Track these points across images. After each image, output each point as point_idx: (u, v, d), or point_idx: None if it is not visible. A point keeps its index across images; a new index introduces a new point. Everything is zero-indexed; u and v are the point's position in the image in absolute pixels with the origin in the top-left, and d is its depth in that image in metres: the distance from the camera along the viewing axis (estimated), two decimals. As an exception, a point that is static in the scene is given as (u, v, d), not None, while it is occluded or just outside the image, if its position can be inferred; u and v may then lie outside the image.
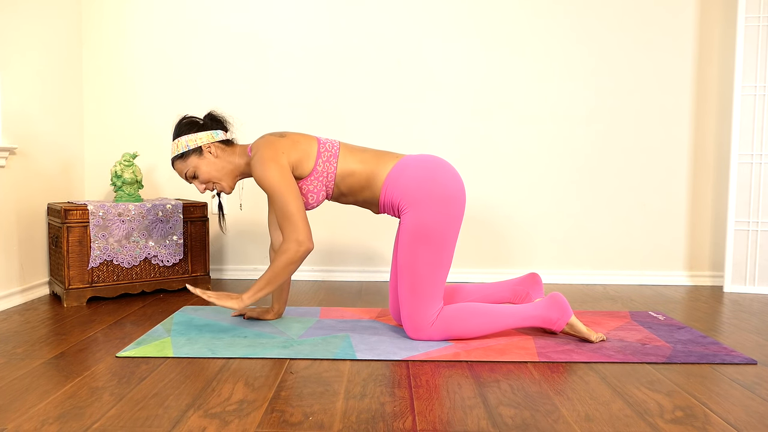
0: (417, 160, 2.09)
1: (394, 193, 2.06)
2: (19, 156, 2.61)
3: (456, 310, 2.05)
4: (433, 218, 2.01)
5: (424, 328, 2.04)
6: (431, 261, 2.01)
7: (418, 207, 2.02)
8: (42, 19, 2.77)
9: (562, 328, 2.07)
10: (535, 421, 1.45)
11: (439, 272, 2.03)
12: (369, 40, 3.12)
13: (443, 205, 2.02)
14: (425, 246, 2.01)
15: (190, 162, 2.15)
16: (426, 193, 2.02)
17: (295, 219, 2.00)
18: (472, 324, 2.04)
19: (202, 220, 2.87)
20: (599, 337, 2.08)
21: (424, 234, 2.01)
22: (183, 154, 2.15)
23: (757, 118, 2.94)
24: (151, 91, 3.15)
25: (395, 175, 2.07)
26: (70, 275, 2.55)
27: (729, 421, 1.47)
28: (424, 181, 2.03)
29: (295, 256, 2.00)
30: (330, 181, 2.10)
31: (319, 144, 2.11)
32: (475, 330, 2.05)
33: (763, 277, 2.97)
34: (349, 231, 3.20)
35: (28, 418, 1.44)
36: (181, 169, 2.18)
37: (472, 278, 3.16)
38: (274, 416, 1.46)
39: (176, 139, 2.17)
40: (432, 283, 2.02)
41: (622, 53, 3.11)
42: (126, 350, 1.93)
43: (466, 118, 3.15)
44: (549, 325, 2.08)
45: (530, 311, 2.07)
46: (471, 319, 2.04)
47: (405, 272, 2.03)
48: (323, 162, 2.08)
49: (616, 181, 3.16)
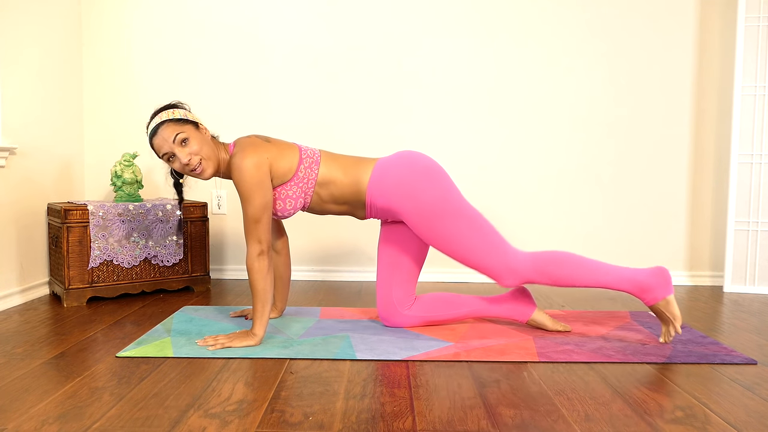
0: (393, 160, 2.12)
1: (384, 196, 2.08)
2: (19, 156, 2.61)
3: (553, 254, 2.07)
4: (431, 196, 2.05)
5: (511, 271, 2.05)
6: (460, 227, 2.05)
7: (412, 198, 2.05)
8: (42, 19, 2.77)
9: (656, 302, 2.02)
10: (535, 421, 1.45)
11: (476, 228, 2.06)
12: (369, 40, 3.12)
13: (432, 181, 2.07)
14: (443, 221, 2.05)
15: (186, 128, 1.99)
16: (413, 182, 2.06)
17: (260, 228, 1.97)
18: (567, 270, 2.04)
19: (202, 220, 2.87)
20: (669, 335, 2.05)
21: (433, 213, 2.04)
22: (180, 120, 1.99)
23: (757, 118, 2.94)
24: (151, 91, 3.15)
25: (377, 178, 2.08)
26: (70, 275, 2.55)
27: (729, 421, 1.47)
28: (407, 174, 2.07)
29: (263, 264, 1.97)
30: (310, 188, 2.08)
31: (301, 151, 2.09)
32: (572, 277, 2.04)
33: (763, 277, 2.97)
34: (349, 231, 3.20)
35: (28, 418, 1.44)
36: (173, 132, 1.97)
37: (472, 278, 3.17)
38: (274, 416, 1.46)
39: (170, 109, 2.02)
40: (479, 239, 2.05)
41: (622, 53, 3.11)
42: (126, 350, 1.93)
43: (465, 118, 3.15)
44: (643, 294, 2.02)
45: (630, 273, 2.03)
46: (567, 265, 2.04)
47: (453, 254, 2.08)
48: (305, 168, 2.07)
49: (616, 181, 3.16)
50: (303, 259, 3.21)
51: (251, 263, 1.98)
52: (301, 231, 3.19)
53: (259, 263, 1.98)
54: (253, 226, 1.97)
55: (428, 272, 3.16)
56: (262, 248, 1.98)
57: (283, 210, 2.09)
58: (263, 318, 2.00)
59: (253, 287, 1.99)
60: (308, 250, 3.21)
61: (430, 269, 3.17)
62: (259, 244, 1.98)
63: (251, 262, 1.98)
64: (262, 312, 2.00)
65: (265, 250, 1.98)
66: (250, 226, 1.98)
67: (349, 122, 3.15)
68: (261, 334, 2.00)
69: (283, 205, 2.08)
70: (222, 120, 3.14)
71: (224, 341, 1.98)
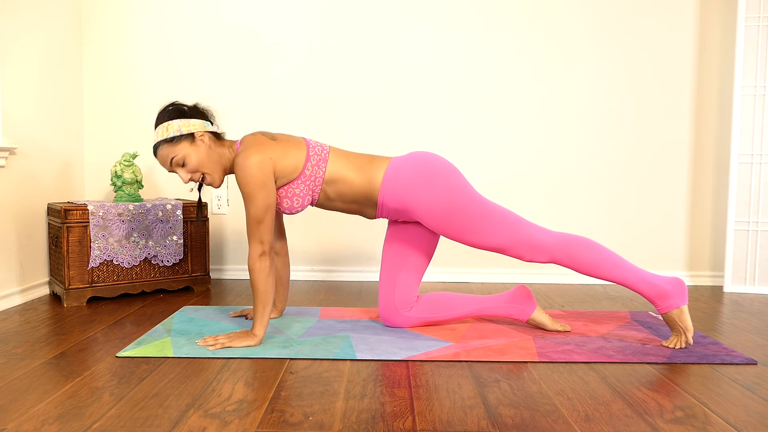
0: (407, 160, 2.11)
1: (397, 197, 2.07)
2: (19, 156, 2.61)
3: (582, 238, 2.06)
4: (445, 194, 2.04)
5: (533, 247, 2.04)
6: (476, 217, 2.04)
7: (427, 198, 2.04)
8: (42, 19, 2.77)
9: (670, 310, 2.01)
10: (534, 421, 1.45)
11: (492, 214, 2.05)
12: (368, 38, 3.12)
13: (446, 180, 2.06)
14: (459, 216, 2.04)
15: (181, 148, 2.00)
16: (427, 182, 2.05)
17: (263, 229, 1.97)
18: (594, 256, 2.03)
19: (202, 220, 2.87)
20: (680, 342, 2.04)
21: (449, 210, 2.04)
22: (174, 138, 2.00)
23: (757, 118, 2.94)
24: (151, 91, 3.15)
25: (391, 178, 2.07)
26: (70, 275, 2.55)
27: (729, 421, 1.47)
28: (421, 174, 2.06)
29: (264, 265, 1.97)
30: (317, 186, 2.07)
31: (308, 147, 2.07)
32: (595, 265, 2.03)
33: (763, 277, 2.97)
34: (349, 231, 3.20)
35: (28, 418, 1.44)
36: (168, 155, 2.01)
37: (471, 278, 3.17)
38: (274, 416, 1.46)
39: (166, 122, 2.02)
40: (497, 223, 2.04)
41: (622, 53, 3.11)
42: (126, 350, 1.93)
43: (466, 116, 3.15)
44: (659, 300, 2.01)
45: (650, 276, 2.03)
46: (595, 252, 2.03)
47: (472, 243, 2.07)
48: (312, 166, 2.05)
49: (616, 181, 3.16)
50: (303, 259, 3.21)
51: (253, 264, 1.98)
52: (301, 231, 3.19)
53: (260, 264, 1.98)
54: (255, 226, 1.97)
55: (429, 272, 3.16)
56: (264, 249, 1.98)
57: (291, 208, 2.09)
58: (263, 318, 2.00)
59: (254, 288, 1.99)
60: (309, 250, 3.21)
61: (430, 269, 3.17)
62: (261, 245, 1.98)
63: (253, 262, 1.98)
64: (263, 312, 2.00)
65: (267, 250, 1.98)
66: (253, 227, 1.97)
67: (349, 120, 3.15)
68: (261, 334, 2.00)
69: (290, 203, 2.07)
70: (222, 120, 3.13)
71: (224, 341, 1.98)
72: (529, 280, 3.16)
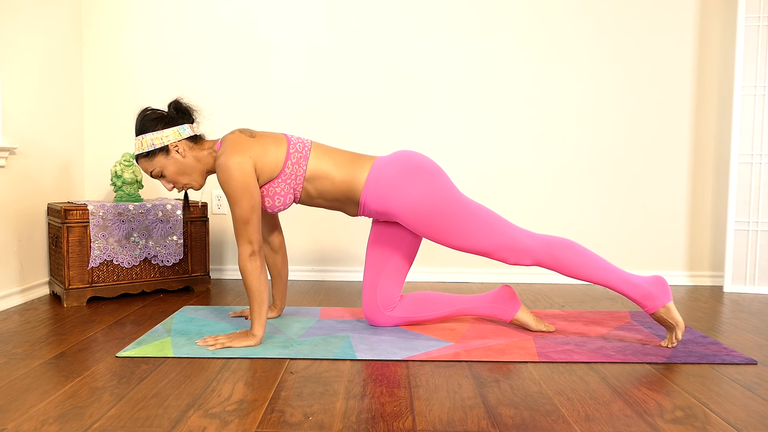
0: (389, 161, 2.09)
1: (378, 200, 2.05)
2: (19, 156, 2.61)
3: (566, 241, 2.06)
4: (425, 195, 2.02)
5: (518, 251, 2.03)
6: (459, 219, 2.02)
7: (406, 200, 2.03)
8: (42, 19, 2.77)
9: (656, 309, 2.01)
10: (534, 421, 1.45)
11: (476, 216, 2.03)
12: (367, 40, 3.12)
13: (427, 181, 2.04)
14: (441, 218, 2.02)
15: (157, 161, 2.02)
16: (407, 184, 2.03)
17: (250, 229, 1.96)
18: (577, 259, 2.03)
19: (202, 220, 2.87)
20: (672, 343, 2.05)
21: (430, 212, 2.02)
22: (149, 153, 2.01)
23: (757, 118, 2.94)
24: (152, 91, 3.15)
25: (373, 179, 2.05)
26: (70, 275, 2.55)
27: (729, 421, 1.47)
28: (401, 176, 2.04)
29: (255, 265, 1.97)
30: (299, 184, 2.05)
31: (289, 144, 2.04)
32: (579, 267, 2.03)
33: (763, 277, 2.97)
34: (349, 231, 3.20)
35: (28, 418, 1.44)
36: (146, 168, 2.05)
37: (471, 278, 3.17)
38: (274, 416, 1.46)
39: (140, 135, 2.02)
40: (481, 226, 2.03)
41: (622, 53, 3.11)
42: (126, 350, 1.93)
43: (463, 117, 3.15)
44: (645, 301, 2.01)
45: (633, 278, 2.03)
46: (578, 255, 2.03)
47: (455, 246, 2.06)
48: (292, 164, 2.03)
49: (616, 181, 3.16)
50: (303, 259, 3.21)
51: (243, 264, 1.97)
52: (301, 231, 3.19)
53: (251, 264, 1.97)
54: (242, 227, 1.96)
55: (423, 272, 3.16)
56: (254, 248, 1.97)
57: (273, 206, 2.07)
58: (261, 318, 2.00)
59: (247, 288, 1.99)
60: (308, 250, 3.21)
61: (424, 269, 3.17)
62: (250, 245, 1.97)
63: (244, 263, 1.97)
64: (260, 312, 2.00)
65: (256, 250, 1.97)
66: (240, 228, 1.96)
67: (347, 121, 3.15)
68: (260, 334, 2.00)
69: (272, 202, 2.06)
70: (222, 119, 3.14)
71: (224, 341, 1.98)
72: (529, 280, 3.16)
